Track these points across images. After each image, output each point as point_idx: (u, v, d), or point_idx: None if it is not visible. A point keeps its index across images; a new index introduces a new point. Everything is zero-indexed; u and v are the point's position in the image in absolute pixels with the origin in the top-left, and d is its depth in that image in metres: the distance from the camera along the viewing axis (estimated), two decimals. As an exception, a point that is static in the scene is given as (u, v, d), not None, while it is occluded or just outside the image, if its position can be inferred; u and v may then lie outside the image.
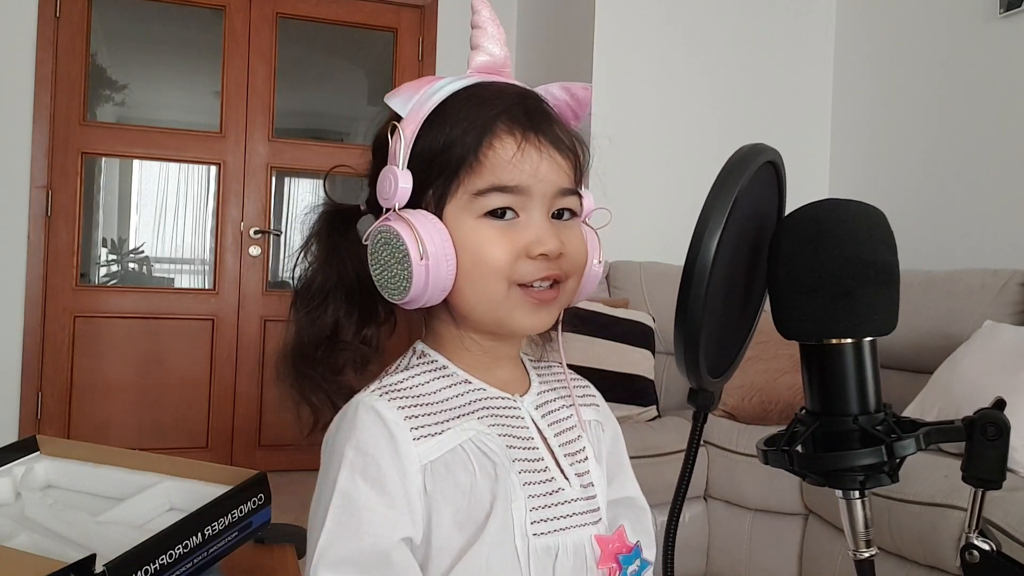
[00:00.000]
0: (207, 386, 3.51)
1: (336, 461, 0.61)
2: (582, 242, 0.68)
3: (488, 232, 0.63)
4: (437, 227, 0.63)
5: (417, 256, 0.61)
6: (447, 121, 0.64)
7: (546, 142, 0.64)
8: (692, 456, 0.53)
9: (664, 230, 2.53)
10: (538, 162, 0.63)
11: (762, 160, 0.49)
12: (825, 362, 0.49)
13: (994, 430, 0.47)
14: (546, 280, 0.65)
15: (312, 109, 4.17)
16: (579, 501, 0.67)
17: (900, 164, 3.01)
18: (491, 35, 0.68)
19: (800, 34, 3.31)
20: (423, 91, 0.65)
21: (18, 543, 0.85)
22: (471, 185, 0.63)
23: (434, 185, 0.64)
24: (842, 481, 0.49)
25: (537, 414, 0.69)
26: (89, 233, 3.60)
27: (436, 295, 0.64)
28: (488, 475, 0.63)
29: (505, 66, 0.69)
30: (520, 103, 0.65)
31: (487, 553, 0.61)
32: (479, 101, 0.64)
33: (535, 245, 0.63)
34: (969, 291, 2.28)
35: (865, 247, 0.47)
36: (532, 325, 0.66)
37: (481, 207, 0.63)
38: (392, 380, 0.65)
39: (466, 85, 0.66)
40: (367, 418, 0.62)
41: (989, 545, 0.50)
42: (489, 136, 0.63)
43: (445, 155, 0.63)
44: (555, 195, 0.65)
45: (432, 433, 0.62)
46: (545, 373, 0.75)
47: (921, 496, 1.70)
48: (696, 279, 0.45)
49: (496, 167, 0.63)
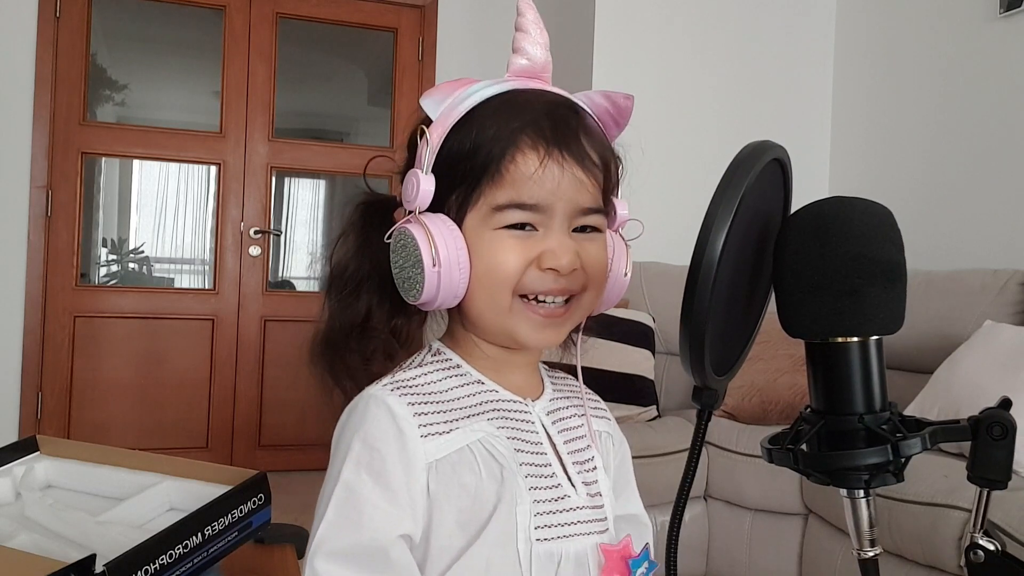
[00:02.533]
0: (207, 386, 3.50)
1: (343, 452, 0.61)
2: (602, 255, 0.67)
3: (505, 242, 0.63)
4: (454, 234, 0.63)
5: (430, 262, 0.61)
6: (474, 128, 0.63)
7: (570, 158, 0.63)
8: (696, 454, 0.53)
9: (664, 230, 2.52)
10: (559, 179, 0.62)
11: (769, 157, 0.49)
12: (831, 361, 0.49)
13: (1000, 430, 0.47)
14: (558, 295, 0.64)
15: (312, 109, 4.17)
16: (585, 509, 0.67)
17: (900, 164, 3.01)
18: (533, 39, 0.67)
19: (800, 34, 3.31)
20: (456, 95, 0.65)
21: (18, 543, 0.85)
22: (491, 198, 0.63)
23: (457, 191, 0.64)
24: (847, 480, 0.49)
25: (548, 420, 0.69)
26: (89, 233, 3.60)
27: (449, 300, 0.64)
28: (494, 477, 0.62)
29: (545, 70, 0.68)
30: (549, 114, 0.64)
31: (487, 555, 0.61)
32: (508, 110, 0.64)
33: (547, 258, 0.62)
34: (969, 291, 2.28)
35: (872, 245, 0.47)
36: (538, 340, 0.65)
37: (499, 221, 0.63)
38: (405, 376, 0.65)
39: (499, 92, 0.65)
40: (376, 412, 0.62)
41: (994, 545, 0.49)
42: (512, 149, 0.62)
43: (469, 163, 0.63)
44: (576, 213, 0.64)
45: (440, 432, 0.62)
46: (559, 382, 0.74)
47: (921, 496, 1.70)
48: (702, 277, 0.45)
49: (517, 182, 0.62)
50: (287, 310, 3.60)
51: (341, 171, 3.82)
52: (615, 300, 0.72)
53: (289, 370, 3.53)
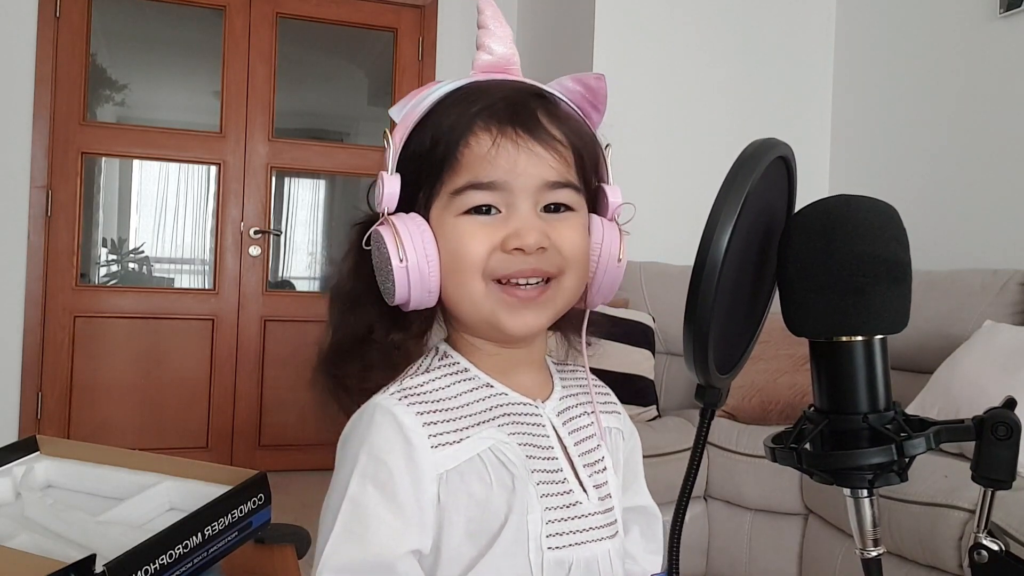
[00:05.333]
0: (207, 386, 3.50)
1: (349, 464, 0.60)
2: (577, 236, 0.65)
3: (467, 227, 0.62)
4: (420, 228, 0.62)
5: (397, 260, 0.61)
6: (433, 123, 0.63)
7: (525, 134, 0.62)
8: (699, 452, 0.52)
9: (664, 230, 2.52)
10: (515, 156, 0.61)
11: (774, 155, 0.49)
12: (835, 359, 0.48)
13: (1004, 429, 0.47)
14: (530, 276, 0.63)
15: (312, 109, 4.17)
16: (596, 515, 0.66)
17: (900, 164, 3.01)
18: (495, 34, 0.66)
19: (800, 33, 3.31)
20: (418, 96, 0.65)
21: (18, 543, 0.85)
22: (450, 184, 0.62)
23: (423, 187, 0.64)
24: (851, 480, 0.49)
25: (558, 421, 0.68)
26: (89, 233, 3.59)
27: (424, 297, 0.63)
28: (505, 486, 0.62)
29: (511, 63, 0.67)
30: (505, 98, 0.63)
31: (498, 564, 0.61)
32: (464, 101, 0.63)
33: (511, 238, 0.61)
34: (969, 291, 2.28)
35: (877, 244, 0.46)
36: (517, 326, 0.63)
37: (460, 205, 0.62)
38: (413, 383, 0.64)
39: (458, 86, 0.65)
40: (383, 422, 0.61)
41: (998, 545, 0.49)
42: (467, 134, 0.62)
43: (430, 157, 0.63)
44: (540, 189, 0.63)
45: (451, 441, 0.61)
46: (568, 378, 0.73)
47: (921, 496, 1.70)
48: (707, 275, 0.45)
49: (472, 164, 0.62)
50: (287, 310, 3.59)
51: (341, 171, 3.82)
52: (610, 290, 0.70)
53: (289, 370, 3.53)
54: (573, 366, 0.74)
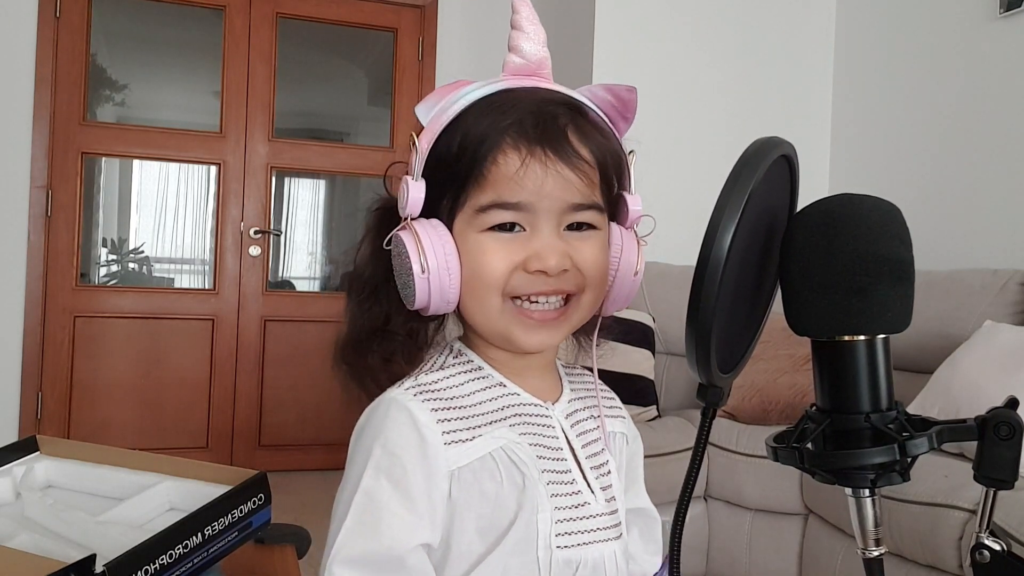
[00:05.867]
0: (207, 386, 3.50)
1: (363, 457, 0.61)
2: (599, 255, 0.65)
3: (490, 244, 0.62)
4: (443, 239, 0.62)
5: (419, 269, 0.61)
6: (461, 131, 0.63)
7: (554, 156, 0.61)
8: (701, 451, 0.52)
9: (664, 230, 2.52)
10: (543, 178, 0.61)
11: (776, 154, 0.49)
12: (837, 359, 0.48)
13: (1007, 429, 0.46)
14: (550, 295, 0.63)
15: (312, 109, 4.17)
16: (603, 516, 0.67)
17: (900, 164, 3.01)
18: (529, 36, 0.66)
19: (800, 34, 3.31)
20: (447, 98, 0.64)
21: (18, 543, 0.85)
22: (475, 200, 0.62)
23: (447, 195, 0.63)
24: (853, 479, 0.49)
25: (567, 423, 0.69)
26: (89, 233, 3.59)
27: (442, 306, 0.63)
28: (515, 485, 0.62)
29: (542, 67, 0.66)
30: (535, 112, 0.62)
31: (506, 562, 0.61)
32: (494, 111, 0.62)
33: (533, 260, 0.62)
34: (969, 291, 2.28)
35: (880, 243, 0.46)
36: (533, 343, 0.64)
37: (484, 222, 0.62)
38: (428, 379, 0.65)
39: (489, 92, 0.64)
40: (399, 417, 0.61)
41: (1000, 545, 0.49)
42: (495, 151, 0.61)
43: (456, 166, 0.62)
44: (565, 211, 0.63)
45: (464, 439, 0.62)
46: (576, 381, 0.74)
47: (921, 496, 1.70)
48: (709, 275, 0.45)
49: (498, 183, 0.61)
50: (287, 310, 3.59)
51: (341, 171, 3.82)
52: (626, 300, 0.70)
53: (289, 370, 3.53)
54: (581, 370, 0.75)
